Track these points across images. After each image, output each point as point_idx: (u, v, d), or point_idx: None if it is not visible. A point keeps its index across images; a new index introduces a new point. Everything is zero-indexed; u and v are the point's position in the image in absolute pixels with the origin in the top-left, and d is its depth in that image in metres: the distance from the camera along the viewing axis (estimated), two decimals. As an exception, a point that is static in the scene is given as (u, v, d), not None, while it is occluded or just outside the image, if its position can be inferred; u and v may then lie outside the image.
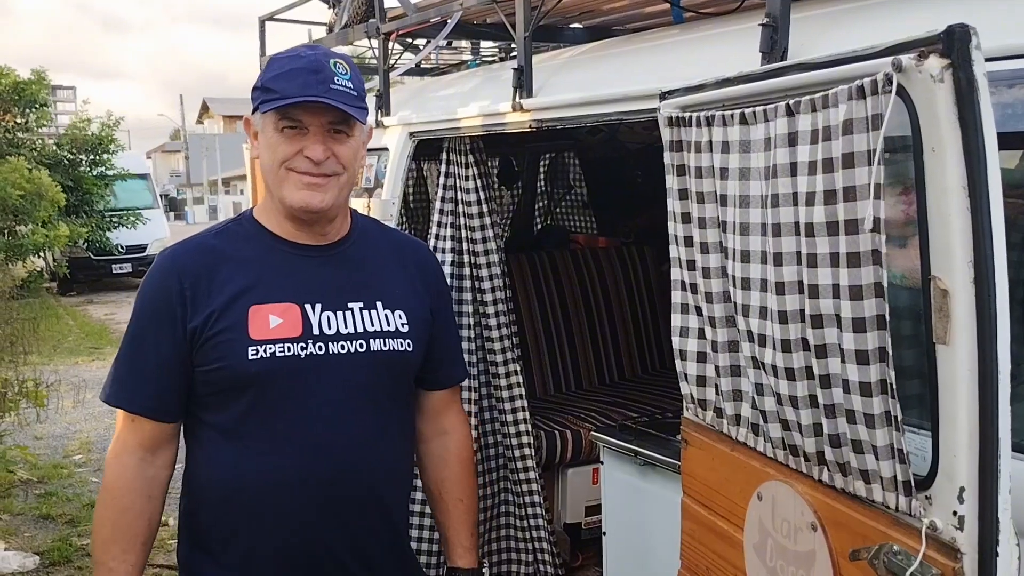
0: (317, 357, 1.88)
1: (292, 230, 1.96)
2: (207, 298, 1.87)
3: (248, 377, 1.85)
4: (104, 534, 1.90)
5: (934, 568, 1.42)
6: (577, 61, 3.27)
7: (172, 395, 1.91)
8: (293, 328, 1.88)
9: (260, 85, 1.89)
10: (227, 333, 1.85)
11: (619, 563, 3.02)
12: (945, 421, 1.42)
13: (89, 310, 15.80)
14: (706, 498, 2.08)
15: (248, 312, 1.87)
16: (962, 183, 1.36)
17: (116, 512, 1.90)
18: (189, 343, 1.87)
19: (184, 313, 1.87)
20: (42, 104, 15.46)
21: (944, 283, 1.39)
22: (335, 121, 1.86)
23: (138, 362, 1.91)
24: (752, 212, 1.74)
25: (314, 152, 1.85)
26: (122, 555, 1.89)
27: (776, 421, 1.78)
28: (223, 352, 1.85)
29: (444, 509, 2.21)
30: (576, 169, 5.77)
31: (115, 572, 1.89)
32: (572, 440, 4.02)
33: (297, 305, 1.90)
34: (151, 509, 1.92)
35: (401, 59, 4.20)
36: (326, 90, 1.82)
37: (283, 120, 1.85)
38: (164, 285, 1.90)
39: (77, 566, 4.77)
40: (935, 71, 1.36)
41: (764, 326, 1.74)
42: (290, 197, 1.88)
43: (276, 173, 1.88)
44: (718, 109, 1.84)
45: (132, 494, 1.90)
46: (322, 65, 1.84)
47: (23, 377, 5.75)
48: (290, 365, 1.86)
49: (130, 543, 1.90)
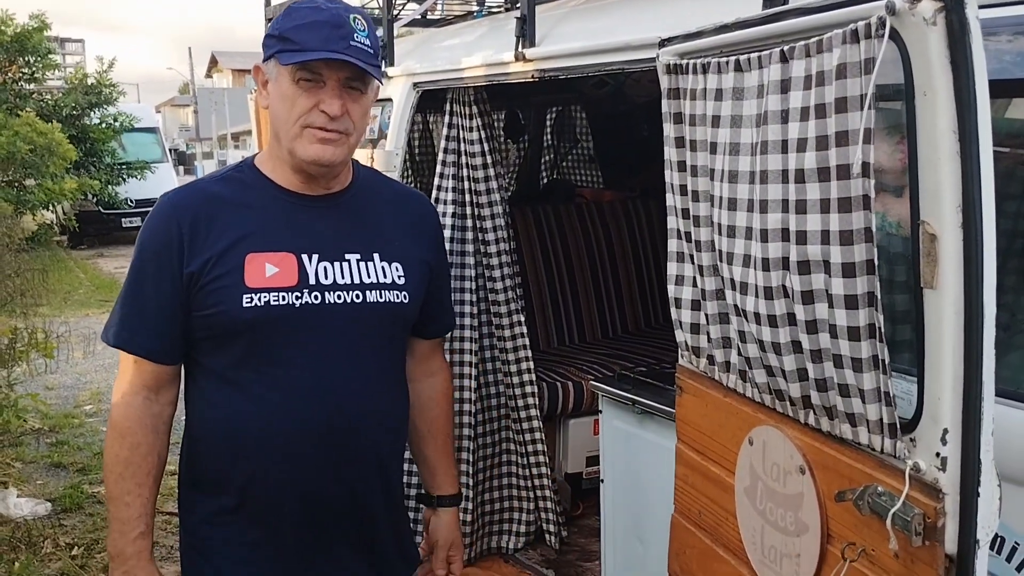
0: (312, 307, 1.90)
1: (296, 181, 1.97)
2: (205, 243, 1.88)
3: (243, 323, 1.87)
4: (117, 471, 1.93)
5: (916, 508, 1.45)
6: (581, 10, 3.25)
7: (172, 337, 1.93)
8: (289, 277, 1.90)
9: (277, 34, 1.88)
10: (223, 279, 1.87)
11: (616, 509, 3.06)
12: (930, 364, 1.44)
13: (99, 263, 15.89)
14: (699, 444, 2.10)
15: (245, 259, 1.88)
16: (952, 127, 1.36)
17: (127, 449, 1.92)
18: (186, 287, 1.88)
19: (182, 257, 1.88)
20: (46, 52, 15.38)
21: (932, 227, 1.40)
22: (352, 77, 1.88)
23: (139, 304, 1.93)
24: (741, 159, 1.74)
25: (331, 107, 1.86)
26: (137, 489, 1.92)
27: (760, 367, 1.80)
28: (219, 298, 1.87)
29: (432, 443, 2.29)
30: (582, 123, 5.75)
31: (131, 506, 1.92)
32: (574, 391, 4.05)
33: (294, 255, 1.92)
34: (159, 444, 1.96)
35: (405, 9, 4.18)
36: (347, 46, 1.83)
37: (301, 71, 1.85)
38: (164, 228, 1.91)
39: (88, 512, 4.85)
40: (928, 14, 1.35)
41: (746, 274, 1.75)
42: (302, 151, 1.89)
43: (291, 127, 1.89)
44: (715, 56, 1.83)
45: (141, 431, 1.93)
46: (343, 20, 1.85)
47: (33, 327, 5.80)
48: (285, 314, 1.88)
49: (143, 478, 1.93)
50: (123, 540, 1.93)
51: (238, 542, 1.97)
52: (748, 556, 1.90)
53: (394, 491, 2.15)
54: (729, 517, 1.98)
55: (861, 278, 1.50)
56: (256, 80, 2.01)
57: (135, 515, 1.92)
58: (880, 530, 1.50)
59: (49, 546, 4.41)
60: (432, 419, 2.27)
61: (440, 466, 2.30)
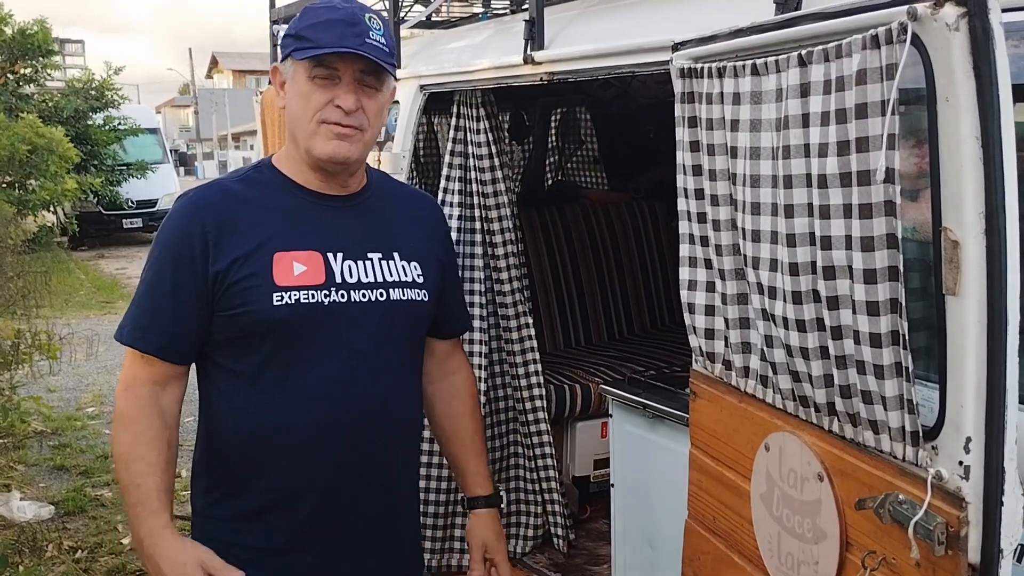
0: (340, 305, 1.91)
1: (315, 180, 1.98)
2: (231, 243, 1.88)
3: (273, 323, 1.87)
4: (125, 459, 1.89)
5: (939, 517, 1.44)
6: (590, 13, 3.24)
7: (187, 338, 1.92)
8: (316, 275, 1.90)
9: (294, 33, 1.90)
10: (252, 279, 1.87)
11: (626, 513, 3.05)
12: (953, 372, 1.43)
13: (100, 264, 15.88)
14: (714, 449, 2.09)
15: (273, 258, 1.88)
16: (975, 133, 1.35)
17: (134, 436, 1.88)
18: (211, 288, 1.88)
19: (207, 257, 1.87)
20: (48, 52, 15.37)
21: (955, 234, 1.39)
22: (367, 72, 1.89)
23: (155, 303, 1.92)
24: (763, 164, 1.73)
25: (346, 101, 1.87)
26: (147, 469, 1.86)
27: (786, 373, 1.79)
28: (248, 297, 1.87)
29: (459, 442, 2.27)
30: (588, 124, 5.73)
31: (142, 487, 1.86)
32: (581, 394, 4.04)
33: (320, 253, 1.93)
34: (168, 433, 1.91)
35: (412, 11, 4.17)
36: (361, 43, 1.85)
37: (317, 68, 1.87)
38: (186, 229, 1.90)
39: (92, 516, 4.84)
40: (951, 19, 1.34)
41: (775, 278, 1.74)
42: (319, 148, 1.90)
43: (307, 124, 1.90)
44: (730, 60, 1.82)
45: (148, 418, 1.89)
46: (358, 18, 1.87)
47: (36, 329, 5.79)
48: (314, 312, 1.89)
49: (153, 459, 1.87)
50: (139, 523, 1.87)
51: (264, 550, 1.95)
52: (764, 563, 1.89)
53: (415, 489, 2.17)
54: (744, 523, 1.97)
55: (883, 284, 1.49)
56: (274, 81, 2.02)
57: (147, 495, 1.86)
58: (901, 539, 1.49)
59: (53, 550, 4.40)
60: (456, 416, 2.27)
61: (468, 466, 2.28)
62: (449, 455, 2.32)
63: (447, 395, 2.26)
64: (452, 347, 2.28)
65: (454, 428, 2.27)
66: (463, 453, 2.28)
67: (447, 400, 2.26)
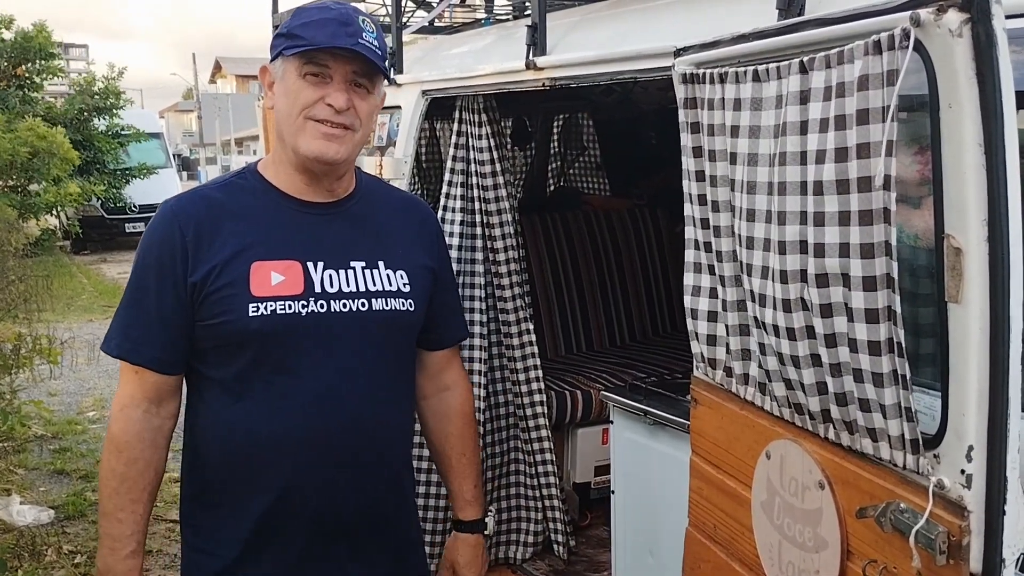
0: (319, 315, 1.88)
1: (300, 185, 1.95)
2: (209, 252, 1.87)
3: (249, 333, 1.85)
4: (112, 485, 1.91)
5: (940, 526, 1.43)
6: (592, 18, 3.24)
7: (175, 347, 1.91)
8: (294, 286, 1.88)
9: (286, 32, 1.89)
10: (229, 289, 1.85)
11: (627, 521, 3.04)
12: (955, 380, 1.42)
13: (103, 269, 15.89)
14: (715, 456, 2.08)
15: (250, 268, 1.86)
16: (978, 140, 1.34)
17: (124, 463, 1.90)
18: (191, 297, 1.87)
19: (186, 266, 1.86)
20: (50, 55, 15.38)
21: (957, 241, 1.39)
22: (359, 73, 1.87)
23: (141, 314, 1.91)
24: (760, 171, 1.72)
25: (337, 100, 1.85)
26: (131, 505, 1.91)
27: (780, 380, 1.78)
28: (224, 307, 1.85)
29: (448, 463, 2.24)
30: (590, 130, 5.73)
31: (124, 523, 1.91)
32: (582, 400, 4.03)
33: (299, 263, 1.90)
34: (157, 459, 1.94)
35: (414, 17, 4.17)
36: (354, 42, 1.83)
37: (308, 66, 1.85)
38: (166, 236, 1.89)
39: (91, 520, 4.83)
40: (953, 26, 1.34)
41: (765, 286, 1.73)
42: (305, 146, 1.87)
43: (294, 121, 1.87)
44: (732, 66, 1.82)
45: (139, 445, 1.91)
46: (351, 19, 1.86)
47: (37, 333, 5.79)
48: (291, 323, 1.86)
49: (139, 493, 1.91)
50: (113, 558, 1.91)
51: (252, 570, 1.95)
52: (765, 571, 1.88)
53: (407, 499, 2.14)
54: (745, 531, 1.96)
55: (881, 292, 1.48)
56: (263, 82, 1.99)
57: (127, 532, 1.91)
58: (902, 547, 1.48)
59: (52, 554, 4.40)
60: (445, 436, 2.23)
61: (456, 488, 2.25)
62: (439, 473, 2.30)
63: (439, 414, 2.22)
64: (447, 361, 2.22)
65: (442, 448, 2.24)
66: (451, 475, 2.25)
67: (438, 419, 2.22)
